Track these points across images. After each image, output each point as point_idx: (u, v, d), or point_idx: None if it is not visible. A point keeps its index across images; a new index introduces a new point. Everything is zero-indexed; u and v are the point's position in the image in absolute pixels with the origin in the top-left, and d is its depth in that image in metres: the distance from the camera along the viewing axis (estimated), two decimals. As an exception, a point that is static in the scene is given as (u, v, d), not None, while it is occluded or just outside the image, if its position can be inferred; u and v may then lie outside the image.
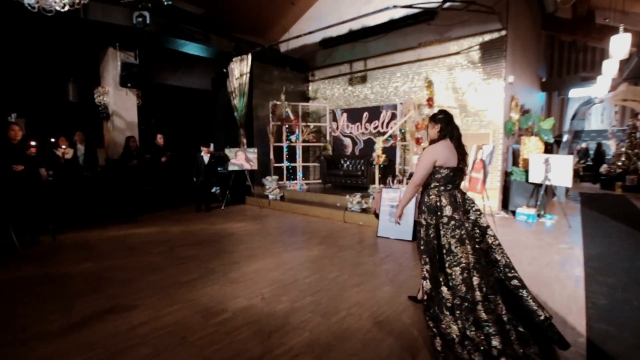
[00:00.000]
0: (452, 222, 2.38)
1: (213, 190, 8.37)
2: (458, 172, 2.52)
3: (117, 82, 7.25)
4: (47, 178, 5.96)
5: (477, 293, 2.19)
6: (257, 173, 8.51)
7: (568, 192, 8.41)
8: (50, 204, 5.46)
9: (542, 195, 6.08)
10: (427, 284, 2.40)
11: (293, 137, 8.70)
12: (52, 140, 6.61)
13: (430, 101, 6.64)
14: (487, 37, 6.73)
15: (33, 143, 5.11)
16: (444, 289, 2.30)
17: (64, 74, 7.84)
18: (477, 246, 2.39)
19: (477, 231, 2.47)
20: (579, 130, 10.67)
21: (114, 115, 7.44)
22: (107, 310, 2.99)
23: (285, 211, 7.44)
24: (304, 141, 8.84)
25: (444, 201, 2.44)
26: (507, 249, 4.60)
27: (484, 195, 5.18)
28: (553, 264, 4.00)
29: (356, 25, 7.79)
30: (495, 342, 2.03)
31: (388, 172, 7.37)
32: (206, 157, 7.52)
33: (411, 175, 5.61)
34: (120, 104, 7.50)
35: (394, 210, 5.30)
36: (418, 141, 6.66)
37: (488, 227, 2.49)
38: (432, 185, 2.53)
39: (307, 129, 8.97)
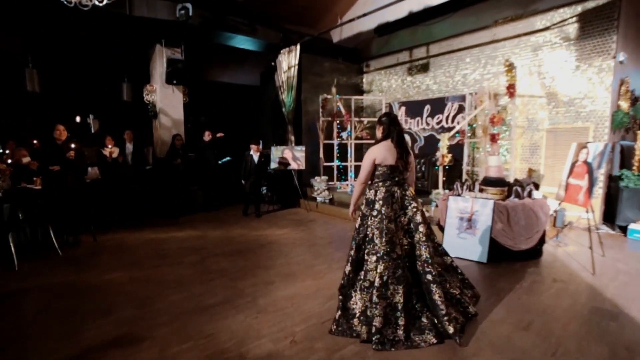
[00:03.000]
0: (379, 216, 2.62)
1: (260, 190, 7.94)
2: (395, 169, 2.68)
3: (163, 79, 7.12)
4: (97, 178, 5.95)
5: (377, 279, 2.49)
6: (305, 173, 7.91)
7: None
8: (92, 204, 5.39)
9: (670, 208, 4.60)
10: (348, 267, 2.71)
11: (345, 134, 7.96)
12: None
13: (511, 89, 5.41)
14: (590, 4, 5.31)
15: (73, 145, 5.02)
16: (362, 272, 2.65)
17: (119, 75, 7.97)
18: (408, 240, 2.67)
19: (412, 226, 2.69)
20: None
21: (160, 113, 7.34)
22: (113, 341, 2.54)
23: (334, 216, 6.74)
24: (356, 138, 8.03)
25: (379, 196, 2.67)
26: (618, 282, 3.39)
27: (589, 208, 3.95)
28: None
29: (417, 5, 6.75)
30: (375, 322, 2.39)
31: (453, 175, 6.29)
32: (256, 157, 6.76)
33: (485, 178, 4.61)
34: (167, 102, 7.38)
35: (463, 223, 4.35)
36: (494, 138, 5.48)
37: (421, 224, 2.66)
38: (374, 181, 2.76)
39: (361, 124, 8.12)
